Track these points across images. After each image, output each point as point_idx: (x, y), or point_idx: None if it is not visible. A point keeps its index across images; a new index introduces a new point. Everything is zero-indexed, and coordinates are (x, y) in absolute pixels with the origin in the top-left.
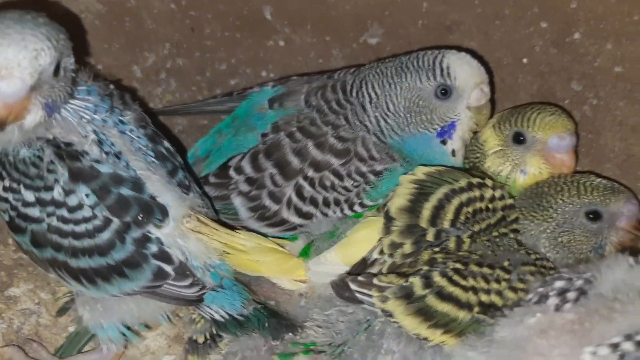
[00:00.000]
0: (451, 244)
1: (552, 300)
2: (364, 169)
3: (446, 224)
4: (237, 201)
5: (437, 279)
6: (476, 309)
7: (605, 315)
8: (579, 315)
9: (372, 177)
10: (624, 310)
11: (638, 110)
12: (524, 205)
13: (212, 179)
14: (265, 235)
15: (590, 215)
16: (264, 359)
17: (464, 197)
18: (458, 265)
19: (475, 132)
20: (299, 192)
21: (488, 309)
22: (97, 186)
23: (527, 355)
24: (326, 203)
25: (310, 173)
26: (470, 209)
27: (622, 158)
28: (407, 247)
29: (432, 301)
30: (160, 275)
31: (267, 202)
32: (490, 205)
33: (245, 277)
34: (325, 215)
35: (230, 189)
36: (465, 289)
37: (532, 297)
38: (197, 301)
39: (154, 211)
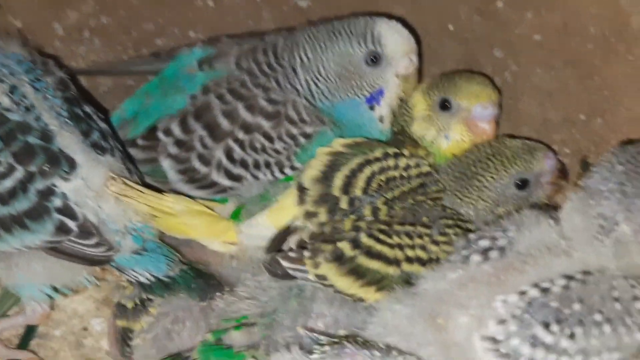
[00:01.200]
0: (366, 212)
1: (475, 259)
2: (294, 131)
3: (358, 192)
4: (166, 164)
5: (365, 239)
6: (404, 265)
7: (519, 268)
8: (496, 269)
9: (302, 140)
10: (535, 263)
11: (554, 76)
12: (457, 189)
13: (139, 142)
14: (194, 198)
15: (519, 184)
16: (196, 319)
17: (377, 166)
18: (382, 226)
19: (402, 100)
20: (229, 154)
21: (414, 263)
22: (3, 131)
23: (447, 306)
24: (256, 165)
25: (241, 135)
26: (383, 177)
27: (539, 122)
28: (322, 216)
29: (363, 260)
30: (62, 230)
31: (197, 164)
32: (404, 174)
33: (174, 239)
34: (256, 177)
35: (158, 152)
36: (391, 246)
37: (457, 258)
38: (105, 262)
39: (61, 162)
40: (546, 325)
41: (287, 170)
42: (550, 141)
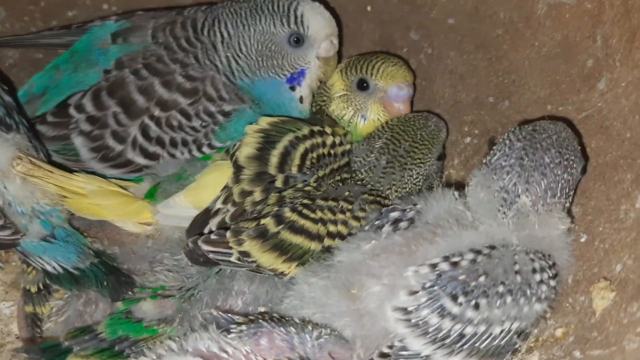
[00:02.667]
0: (298, 187)
1: (386, 229)
2: (213, 109)
3: (294, 170)
4: (78, 141)
5: (288, 214)
6: (326, 240)
7: (428, 239)
8: (407, 240)
9: (220, 118)
10: (444, 234)
11: (466, 60)
12: (390, 183)
13: (49, 118)
14: (106, 177)
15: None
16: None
17: (308, 143)
18: (306, 201)
19: (321, 81)
20: (144, 132)
21: (336, 238)
22: None
23: (361, 276)
24: (173, 143)
25: (157, 112)
26: (314, 155)
27: (451, 103)
28: (257, 195)
29: (286, 235)
30: None
31: (111, 142)
32: (332, 151)
33: (86, 220)
34: (173, 156)
35: (70, 129)
36: (314, 221)
37: (369, 229)
38: (10, 246)
39: None
40: (454, 297)
41: (205, 149)
42: (461, 122)
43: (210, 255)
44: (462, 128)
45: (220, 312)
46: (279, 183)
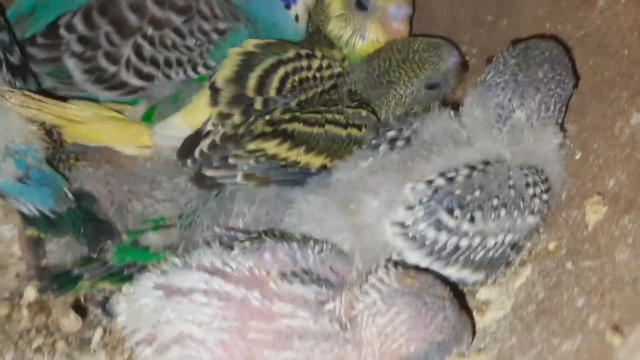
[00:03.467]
0: (276, 113)
1: (383, 147)
2: (207, 27)
3: (272, 93)
4: (71, 63)
5: (282, 116)
6: (326, 125)
7: (425, 156)
8: (404, 158)
9: (215, 37)
10: (439, 152)
11: None
12: (374, 98)
13: (39, 40)
14: (100, 102)
15: (430, 87)
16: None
17: (290, 66)
18: (298, 114)
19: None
20: (138, 51)
21: (335, 125)
22: None
23: (359, 192)
24: (168, 63)
25: (150, 31)
26: (296, 78)
27: (449, 22)
28: (236, 118)
29: (285, 125)
30: None
31: (104, 63)
32: (317, 75)
33: (85, 147)
34: (168, 77)
35: (61, 50)
36: (311, 113)
37: (366, 148)
38: None
39: None
40: (450, 211)
41: (201, 69)
42: (459, 41)
43: (219, 180)
44: (461, 47)
45: (223, 230)
46: (257, 105)
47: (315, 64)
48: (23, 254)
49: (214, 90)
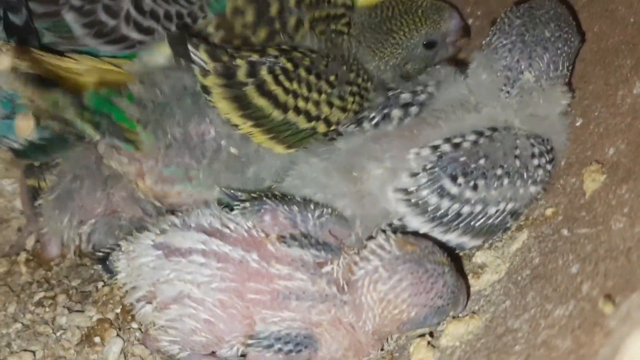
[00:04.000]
0: (291, 22)
1: (396, 113)
2: None
3: (291, 1)
4: (70, 17)
5: (263, 72)
6: (290, 113)
7: (431, 123)
8: (409, 124)
9: None
10: (447, 118)
11: None
12: (371, 42)
13: None
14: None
15: (427, 44)
16: (95, 175)
17: None
18: (288, 65)
19: None
20: (137, 5)
21: (300, 115)
22: None
23: (362, 159)
24: (168, 16)
25: None
26: None
27: None
28: (249, 16)
29: (251, 92)
30: None
31: (103, 17)
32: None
33: None
34: (168, 30)
35: (60, 4)
36: (287, 91)
37: (376, 115)
38: None
39: None
40: (453, 178)
41: (201, 22)
42: (464, 3)
43: (191, 55)
44: (465, 9)
45: (224, 189)
46: (273, 11)
47: None
48: (24, 207)
49: None
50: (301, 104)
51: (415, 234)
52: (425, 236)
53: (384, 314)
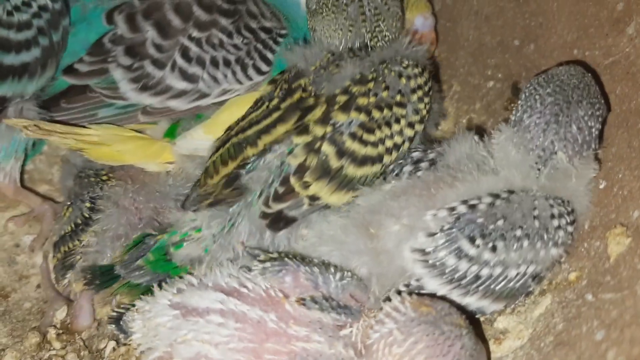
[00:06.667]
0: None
1: (407, 169)
2: (254, 25)
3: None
4: (118, 74)
5: (349, 144)
6: (385, 158)
7: (448, 183)
8: (427, 183)
9: (263, 35)
10: (463, 179)
11: (492, 1)
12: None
13: (86, 58)
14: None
15: None
16: (134, 231)
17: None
18: (362, 118)
19: None
20: (184, 53)
21: (393, 152)
22: None
23: (380, 216)
24: (214, 62)
25: (195, 33)
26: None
27: (475, 46)
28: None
29: (350, 170)
30: None
31: (150, 69)
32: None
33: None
34: (214, 78)
35: (108, 62)
36: (374, 144)
37: (394, 169)
38: None
39: None
40: (471, 240)
41: (251, 71)
42: (484, 65)
43: (285, 211)
44: (486, 72)
45: (245, 248)
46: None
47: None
48: (44, 289)
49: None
50: (389, 143)
51: (433, 296)
52: (444, 299)
53: None
